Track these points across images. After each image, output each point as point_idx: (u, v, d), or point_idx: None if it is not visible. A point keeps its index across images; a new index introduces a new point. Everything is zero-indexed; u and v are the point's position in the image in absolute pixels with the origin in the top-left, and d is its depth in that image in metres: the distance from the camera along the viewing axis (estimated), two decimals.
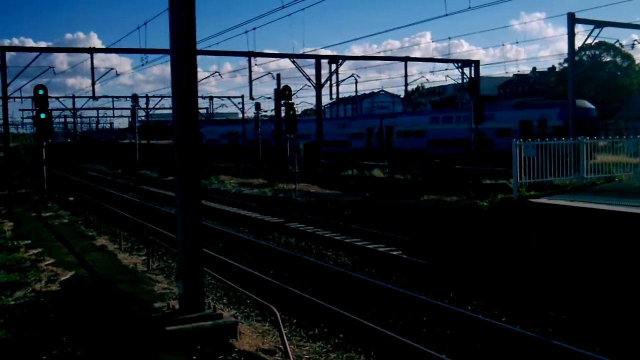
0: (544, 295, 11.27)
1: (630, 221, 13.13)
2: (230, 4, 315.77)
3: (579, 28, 30.00)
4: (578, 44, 30.43)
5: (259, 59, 46.32)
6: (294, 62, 44.61)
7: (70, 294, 10.48)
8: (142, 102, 73.31)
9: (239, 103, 77.85)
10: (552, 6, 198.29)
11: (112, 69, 70.86)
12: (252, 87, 46.31)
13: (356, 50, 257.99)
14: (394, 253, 15.08)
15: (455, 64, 47.61)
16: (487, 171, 28.79)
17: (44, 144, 27.66)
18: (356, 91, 76.96)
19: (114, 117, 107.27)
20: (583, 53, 63.36)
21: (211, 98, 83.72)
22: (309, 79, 46.30)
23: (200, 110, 79.84)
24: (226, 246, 17.15)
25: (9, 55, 35.60)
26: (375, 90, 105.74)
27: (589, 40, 31.22)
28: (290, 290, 11.60)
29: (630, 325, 9.71)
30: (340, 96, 57.84)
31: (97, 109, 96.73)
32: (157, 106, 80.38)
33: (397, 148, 47.71)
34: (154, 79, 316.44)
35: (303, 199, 25.43)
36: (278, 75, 50.66)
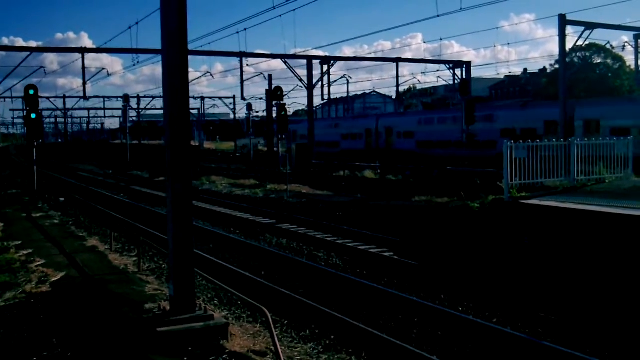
0: (534, 296, 11.31)
1: (620, 222, 13.20)
2: (221, 5, 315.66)
3: (570, 30, 30.09)
4: (569, 45, 30.56)
5: (251, 60, 46.42)
6: (285, 62, 44.58)
7: (60, 295, 10.44)
8: (133, 103, 73.13)
9: (230, 103, 77.84)
10: (541, 7, 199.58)
11: (103, 69, 70.74)
12: (244, 88, 46.22)
13: (347, 51, 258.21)
14: (386, 254, 15.09)
15: (447, 65, 47.67)
16: (477, 172, 28.88)
17: (35, 144, 27.57)
18: (348, 92, 77.15)
19: (105, 117, 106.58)
20: (574, 54, 63.68)
21: (202, 98, 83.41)
22: (300, 80, 46.28)
23: (192, 111, 79.65)
24: (217, 247, 17.12)
25: None
26: (367, 91, 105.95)
27: (580, 42, 31.35)
28: (281, 292, 11.59)
29: (621, 326, 9.76)
30: (332, 97, 58.00)
31: (88, 109, 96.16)
32: (148, 106, 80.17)
33: None
34: (144, 79, 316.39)
35: (294, 200, 25.43)
36: (270, 75, 50.64)
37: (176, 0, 7.84)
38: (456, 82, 46.13)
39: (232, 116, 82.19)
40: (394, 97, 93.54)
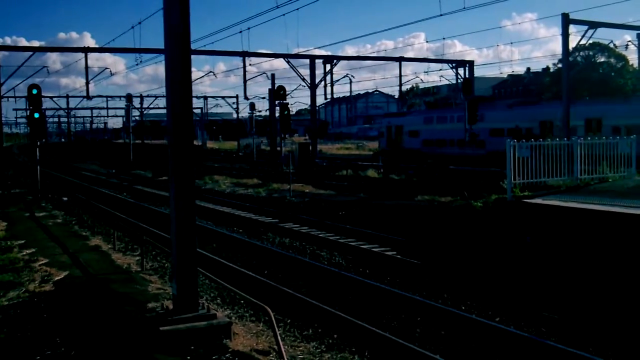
0: (537, 295, 11.30)
1: (623, 221, 13.17)
2: (224, 4, 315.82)
3: (573, 29, 29.96)
4: (572, 44, 30.44)
5: (253, 59, 46.47)
6: (288, 62, 44.58)
7: (64, 294, 10.46)
8: (136, 102, 73.20)
9: (233, 103, 77.88)
10: (542, 7, 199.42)
11: (106, 68, 70.55)
12: (247, 87, 46.24)
13: (350, 50, 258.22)
14: (388, 253, 15.09)
15: (450, 65, 47.64)
16: (479, 172, 28.84)
17: (38, 143, 27.58)
18: (350, 91, 77.08)
19: (108, 116, 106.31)
20: (577, 54, 63.42)
21: (205, 98, 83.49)
22: (303, 79, 46.28)
23: (195, 110, 79.70)
24: (220, 246, 17.13)
25: (2, 54, 35.52)
26: (370, 91, 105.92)
27: (583, 41, 31.24)
28: (284, 291, 11.59)
29: (624, 325, 9.74)
30: (335, 96, 58.00)
31: (91, 108, 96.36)
32: (151, 106, 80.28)
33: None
34: (147, 78, 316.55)
35: (297, 199, 25.42)
36: (273, 75, 50.60)
37: (179, 0, 7.84)
38: (459, 81, 46.13)
39: (234, 115, 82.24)
40: (396, 97, 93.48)
